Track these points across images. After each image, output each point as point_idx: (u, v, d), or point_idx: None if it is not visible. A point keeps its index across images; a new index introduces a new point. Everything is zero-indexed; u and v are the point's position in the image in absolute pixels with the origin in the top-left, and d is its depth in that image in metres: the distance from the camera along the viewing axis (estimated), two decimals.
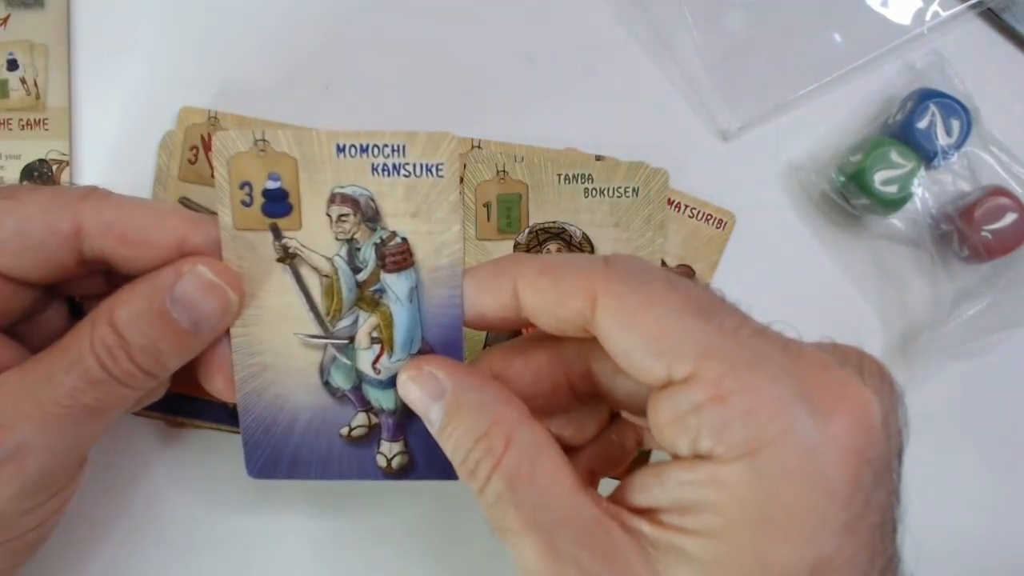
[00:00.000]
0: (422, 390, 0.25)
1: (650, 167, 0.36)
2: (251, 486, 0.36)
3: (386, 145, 0.25)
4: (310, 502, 0.36)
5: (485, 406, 0.24)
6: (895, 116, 0.37)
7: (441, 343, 0.27)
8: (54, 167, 0.36)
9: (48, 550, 0.35)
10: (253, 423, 0.27)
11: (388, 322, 0.27)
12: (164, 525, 0.36)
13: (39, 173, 0.36)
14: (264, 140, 0.25)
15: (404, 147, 0.25)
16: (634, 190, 0.36)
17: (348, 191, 0.25)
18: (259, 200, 0.25)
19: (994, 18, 0.39)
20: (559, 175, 0.36)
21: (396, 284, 0.26)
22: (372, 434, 0.28)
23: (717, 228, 0.37)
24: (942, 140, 0.36)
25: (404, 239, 0.26)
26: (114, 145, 0.37)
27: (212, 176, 0.26)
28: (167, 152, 0.36)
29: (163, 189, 0.36)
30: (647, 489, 0.22)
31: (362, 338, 0.27)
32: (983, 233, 0.36)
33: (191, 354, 0.26)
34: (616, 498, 0.24)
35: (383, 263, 0.26)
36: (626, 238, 0.36)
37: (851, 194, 0.36)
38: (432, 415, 0.25)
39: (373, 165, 0.25)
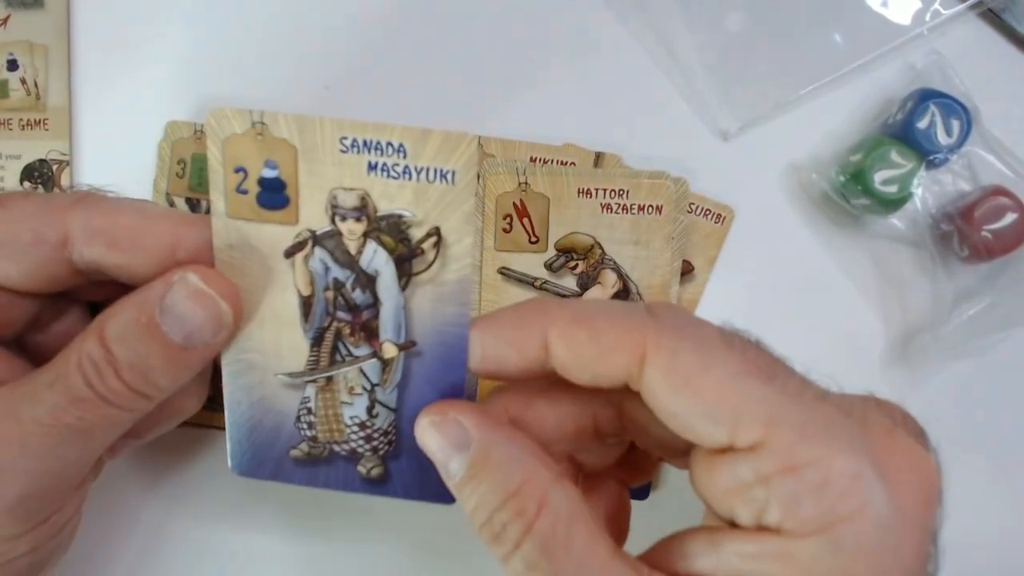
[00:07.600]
0: (444, 438, 0.23)
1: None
2: (252, 486, 0.36)
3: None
4: (311, 502, 0.36)
5: (515, 462, 0.22)
6: (895, 116, 0.37)
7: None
8: (54, 167, 0.36)
9: None
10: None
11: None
12: (163, 524, 0.36)
13: (39, 173, 0.36)
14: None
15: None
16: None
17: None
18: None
19: (994, 18, 0.39)
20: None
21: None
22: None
23: (716, 223, 0.37)
24: (942, 140, 0.36)
25: None
26: (114, 145, 0.37)
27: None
28: (162, 163, 0.36)
29: (159, 196, 0.36)
30: (698, 556, 0.21)
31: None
32: (983, 233, 0.36)
33: (185, 373, 0.24)
34: (657, 562, 0.22)
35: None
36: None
37: (851, 194, 0.36)
38: (453, 466, 0.22)
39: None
